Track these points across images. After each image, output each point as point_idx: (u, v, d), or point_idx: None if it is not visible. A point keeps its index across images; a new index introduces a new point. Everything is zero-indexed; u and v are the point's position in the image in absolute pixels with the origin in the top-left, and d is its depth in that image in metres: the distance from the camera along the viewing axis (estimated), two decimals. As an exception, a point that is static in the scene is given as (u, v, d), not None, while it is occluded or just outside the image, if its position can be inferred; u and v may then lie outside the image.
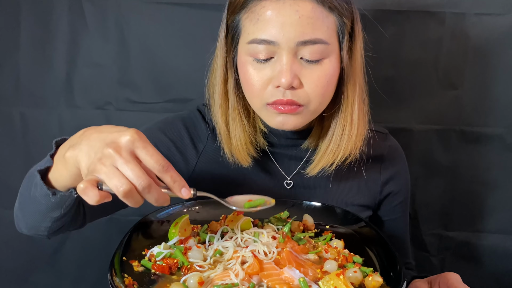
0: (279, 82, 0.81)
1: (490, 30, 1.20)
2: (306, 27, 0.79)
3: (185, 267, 0.72)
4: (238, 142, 0.90)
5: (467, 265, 1.33)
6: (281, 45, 0.79)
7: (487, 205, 1.30)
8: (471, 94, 1.24)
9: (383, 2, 1.21)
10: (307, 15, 0.79)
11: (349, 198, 0.97)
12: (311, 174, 0.93)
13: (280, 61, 0.81)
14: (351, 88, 0.87)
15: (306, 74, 0.82)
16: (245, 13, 0.83)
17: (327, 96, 0.86)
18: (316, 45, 0.80)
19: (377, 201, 1.01)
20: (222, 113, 0.91)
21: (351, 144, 0.89)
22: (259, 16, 0.80)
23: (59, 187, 0.72)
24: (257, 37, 0.81)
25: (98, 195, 0.60)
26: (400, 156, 1.04)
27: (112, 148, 0.61)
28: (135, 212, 1.27)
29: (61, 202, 0.73)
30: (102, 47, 1.25)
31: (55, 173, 0.71)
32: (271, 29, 0.79)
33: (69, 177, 0.69)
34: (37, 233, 0.82)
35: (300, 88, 0.82)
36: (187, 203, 0.89)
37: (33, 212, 0.77)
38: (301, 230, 0.86)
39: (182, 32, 1.24)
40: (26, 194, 0.77)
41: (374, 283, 0.69)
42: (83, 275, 1.38)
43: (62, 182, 0.71)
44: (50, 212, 0.75)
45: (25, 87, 1.28)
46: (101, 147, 0.62)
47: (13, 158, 1.31)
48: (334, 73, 0.84)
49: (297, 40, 0.79)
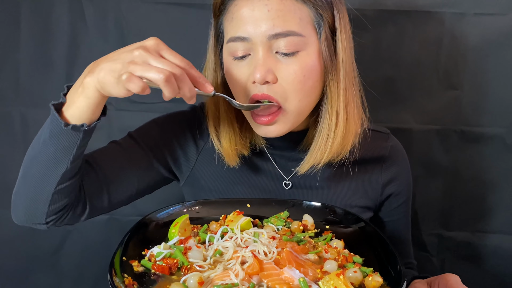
0: (254, 77, 0.81)
1: (490, 30, 1.20)
2: (276, 20, 0.79)
3: (185, 267, 0.72)
4: (226, 143, 0.91)
5: (467, 265, 1.32)
6: (254, 40, 0.80)
7: (487, 205, 1.30)
8: (471, 94, 1.24)
9: (383, 2, 1.21)
10: (276, 7, 0.79)
11: (349, 200, 0.96)
12: (301, 173, 0.91)
13: (256, 57, 0.81)
14: (334, 84, 0.84)
15: (282, 68, 0.81)
16: (225, 14, 0.85)
17: (306, 92, 0.83)
18: (289, 37, 0.80)
19: (378, 202, 1.00)
20: (212, 114, 0.92)
21: (340, 142, 0.86)
22: (233, 15, 0.83)
23: (73, 122, 0.73)
24: (233, 35, 0.83)
25: (142, 82, 0.65)
26: (402, 157, 1.02)
27: (142, 49, 0.68)
28: (135, 212, 1.28)
29: (70, 142, 0.73)
30: (102, 47, 1.25)
31: (70, 108, 0.73)
32: (244, 25, 0.81)
33: (86, 106, 0.72)
34: (34, 220, 0.81)
35: (275, 83, 0.82)
36: (187, 203, 0.90)
37: (36, 176, 0.77)
38: (301, 230, 0.86)
39: (182, 32, 1.24)
40: (31, 153, 0.78)
41: (374, 283, 0.68)
42: (83, 275, 1.38)
43: (78, 115, 0.72)
44: (56, 165, 0.74)
45: (25, 87, 1.28)
46: (127, 54, 0.68)
47: (13, 158, 1.31)
48: (312, 67, 0.82)
49: (268, 33, 0.79)
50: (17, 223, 0.84)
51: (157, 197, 1.04)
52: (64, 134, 0.72)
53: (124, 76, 0.65)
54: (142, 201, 1.08)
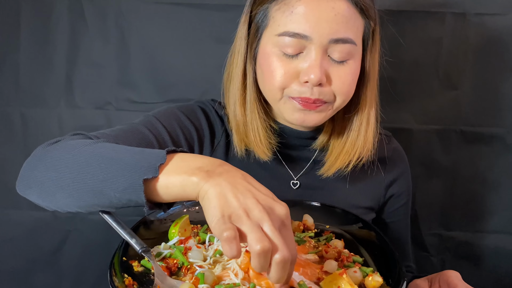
0: (307, 77, 0.80)
1: (490, 30, 1.20)
2: (340, 25, 0.79)
3: (185, 267, 0.72)
4: (257, 135, 0.89)
5: (467, 265, 1.33)
6: (314, 40, 0.79)
7: (487, 205, 1.30)
8: (471, 94, 1.24)
9: (383, 2, 1.21)
10: (342, 13, 0.79)
11: (355, 200, 0.97)
12: (327, 175, 0.92)
13: (310, 56, 0.80)
14: (370, 90, 0.89)
15: (333, 72, 0.82)
16: (276, 4, 0.82)
17: (349, 96, 0.86)
18: (346, 44, 0.80)
19: (381, 203, 1.01)
20: (240, 107, 0.89)
21: (366, 145, 0.90)
22: (294, 9, 0.79)
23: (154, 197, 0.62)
24: (289, 29, 0.79)
25: (239, 249, 0.53)
26: (403, 158, 1.04)
27: (267, 211, 0.56)
28: (135, 212, 1.28)
29: (133, 203, 0.63)
30: (102, 47, 1.25)
31: (160, 188, 0.61)
32: (306, 23, 0.78)
33: (176, 194, 0.60)
34: (44, 206, 0.71)
35: (327, 86, 0.82)
36: (187, 203, 0.89)
37: (76, 188, 0.64)
38: (301, 230, 0.86)
39: (182, 32, 1.24)
40: (91, 170, 0.63)
41: (374, 283, 0.68)
42: (83, 275, 1.38)
43: (163, 195, 0.61)
44: (103, 201, 0.64)
45: (25, 87, 1.28)
46: (252, 202, 0.56)
47: (13, 158, 1.31)
48: (357, 73, 0.85)
49: (330, 37, 0.79)
50: (19, 193, 0.74)
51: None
52: (135, 201, 0.62)
53: (225, 234, 0.53)
54: (142, 201, 1.08)
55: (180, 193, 0.60)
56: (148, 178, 0.60)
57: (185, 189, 0.59)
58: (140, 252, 0.69)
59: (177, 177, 0.60)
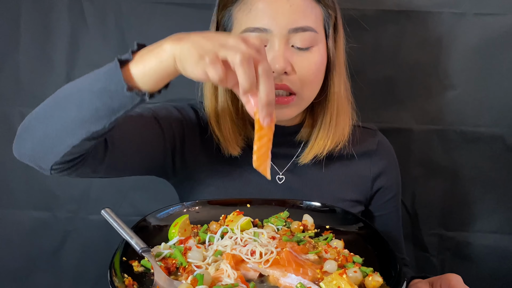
0: (273, 67, 0.83)
1: (490, 30, 1.20)
2: (297, 15, 0.84)
3: (183, 268, 0.72)
4: (227, 131, 0.93)
5: (467, 265, 1.32)
6: (274, 32, 0.84)
7: (487, 205, 1.29)
8: (471, 94, 1.24)
9: (383, 2, 1.21)
10: (297, 4, 0.85)
11: (341, 194, 0.99)
12: (304, 162, 0.96)
13: (273, 48, 0.85)
14: (336, 77, 0.93)
15: (298, 61, 0.86)
16: (237, 6, 0.88)
17: (316, 83, 0.91)
18: (306, 32, 0.85)
19: (368, 196, 1.03)
20: (211, 106, 0.94)
21: (339, 131, 0.94)
22: (252, 7, 0.85)
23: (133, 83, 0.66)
24: (250, 26, 0.85)
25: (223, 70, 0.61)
26: (389, 151, 1.07)
27: (241, 40, 0.63)
28: (135, 212, 1.28)
29: (121, 106, 0.67)
30: (102, 47, 1.25)
31: (136, 66, 0.66)
32: (264, 18, 0.84)
33: (154, 70, 0.65)
34: (39, 162, 0.75)
35: (293, 74, 0.86)
36: (187, 203, 0.90)
37: (64, 121, 0.69)
38: (301, 230, 0.86)
39: (182, 32, 1.24)
40: (68, 93, 0.71)
41: (374, 283, 0.68)
42: (83, 275, 1.38)
43: (141, 77, 0.66)
44: (92, 122, 0.68)
45: (25, 87, 1.28)
46: (225, 37, 0.64)
47: (13, 158, 1.30)
48: (322, 61, 0.90)
49: (289, 27, 0.84)
50: (17, 157, 0.78)
51: (157, 197, 1.04)
52: (119, 96, 0.66)
53: (208, 58, 0.61)
54: (142, 201, 1.08)
55: (157, 66, 0.65)
56: (122, 59, 0.66)
57: (161, 59, 0.65)
58: (140, 252, 0.70)
59: (150, 53, 0.66)
